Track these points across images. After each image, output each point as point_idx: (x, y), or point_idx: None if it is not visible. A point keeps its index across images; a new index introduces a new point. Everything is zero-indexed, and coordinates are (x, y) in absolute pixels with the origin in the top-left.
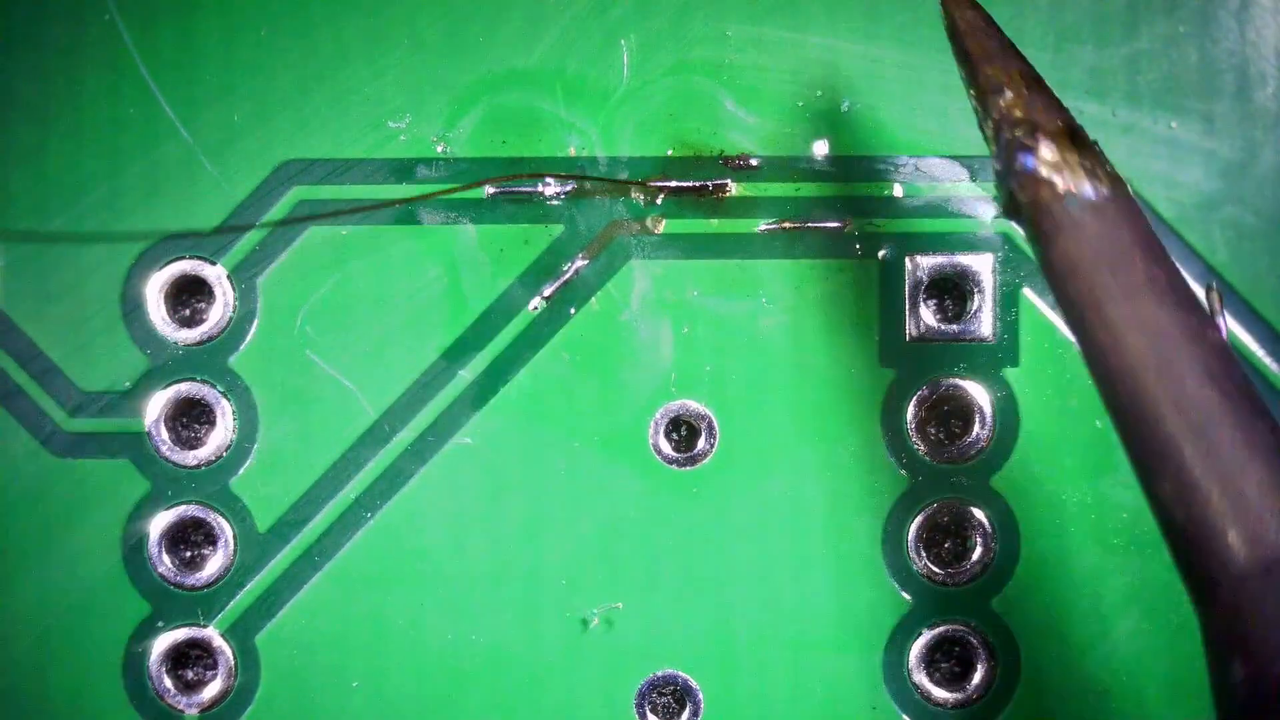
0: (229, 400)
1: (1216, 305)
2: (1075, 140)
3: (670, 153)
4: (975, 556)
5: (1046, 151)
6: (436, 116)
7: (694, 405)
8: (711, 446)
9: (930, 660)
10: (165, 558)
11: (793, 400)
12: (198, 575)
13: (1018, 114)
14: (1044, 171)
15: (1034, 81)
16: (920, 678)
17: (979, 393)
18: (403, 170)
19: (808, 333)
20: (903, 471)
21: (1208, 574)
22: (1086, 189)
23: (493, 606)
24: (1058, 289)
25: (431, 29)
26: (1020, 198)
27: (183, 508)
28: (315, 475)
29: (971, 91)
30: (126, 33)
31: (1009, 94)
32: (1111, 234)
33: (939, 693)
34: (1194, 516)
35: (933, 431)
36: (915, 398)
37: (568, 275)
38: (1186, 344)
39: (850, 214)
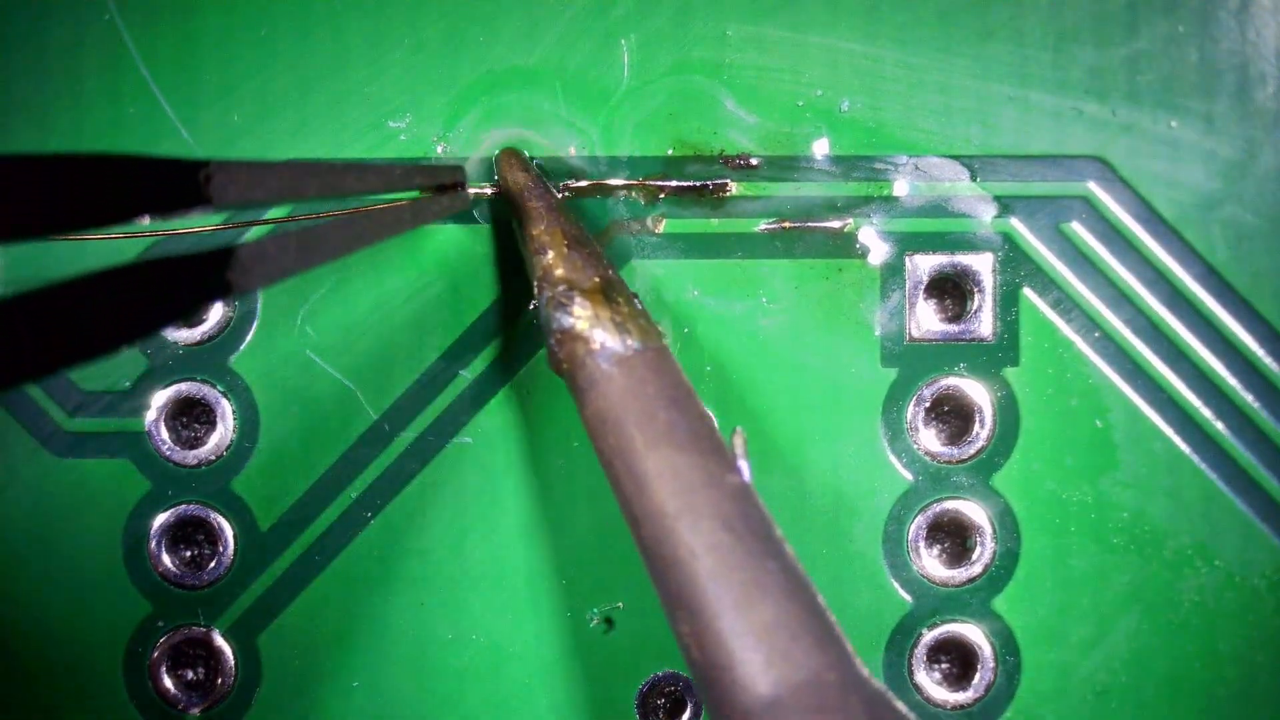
0: (229, 400)
1: (740, 449)
2: (608, 295)
3: (670, 152)
4: (975, 556)
5: (579, 308)
6: (436, 116)
7: None
8: None
9: (930, 660)
10: (166, 558)
11: (793, 400)
12: (198, 575)
13: (557, 273)
14: (577, 327)
15: (576, 240)
16: (920, 678)
17: (979, 393)
18: None
19: (808, 333)
20: (903, 471)
21: (721, 709)
22: (615, 343)
23: (493, 606)
24: (593, 441)
25: (432, 29)
26: (558, 353)
27: (183, 507)
28: (315, 475)
29: (523, 250)
30: (126, 33)
31: (550, 254)
32: (637, 386)
33: (939, 693)
34: (707, 655)
35: (933, 432)
36: (915, 398)
37: None
38: (704, 489)
39: (850, 214)
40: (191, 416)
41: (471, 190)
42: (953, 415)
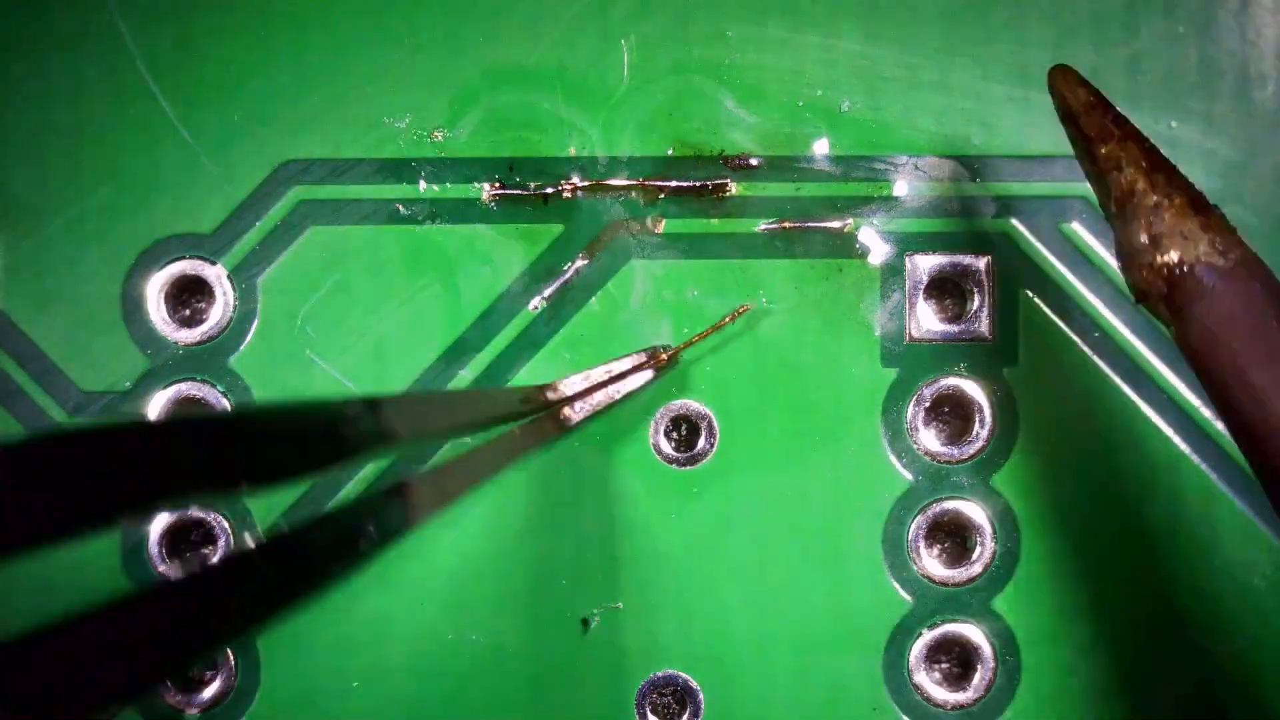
0: (229, 400)
1: None
2: (1198, 210)
3: (670, 152)
4: (975, 556)
5: (1173, 224)
6: (436, 116)
7: (694, 405)
8: (711, 446)
9: (930, 660)
10: (166, 558)
11: (793, 400)
12: None
13: (1140, 188)
14: (1173, 247)
15: (1152, 155)
16: (920, 678)
17: (979, 393)
18: (402, 170)
19: (808, 333)
20: (903, 471)
21: None
22: (1216, 258)
23: (493, 606)
24: (1198, 360)
25: (431, 28)
26: (1149, 276)
27: (183, 508)
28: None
29: (1089, 170)
30: (126, 33)
31: (1128, 170)
32: (1245, 299)
33: (939, 693)
34: None
35: (934, 433)
36: (915, 398)
37: (568, 275)
38: None
39: (850, 214)
40: None
41: (567, 413)
42: (953, 415)
